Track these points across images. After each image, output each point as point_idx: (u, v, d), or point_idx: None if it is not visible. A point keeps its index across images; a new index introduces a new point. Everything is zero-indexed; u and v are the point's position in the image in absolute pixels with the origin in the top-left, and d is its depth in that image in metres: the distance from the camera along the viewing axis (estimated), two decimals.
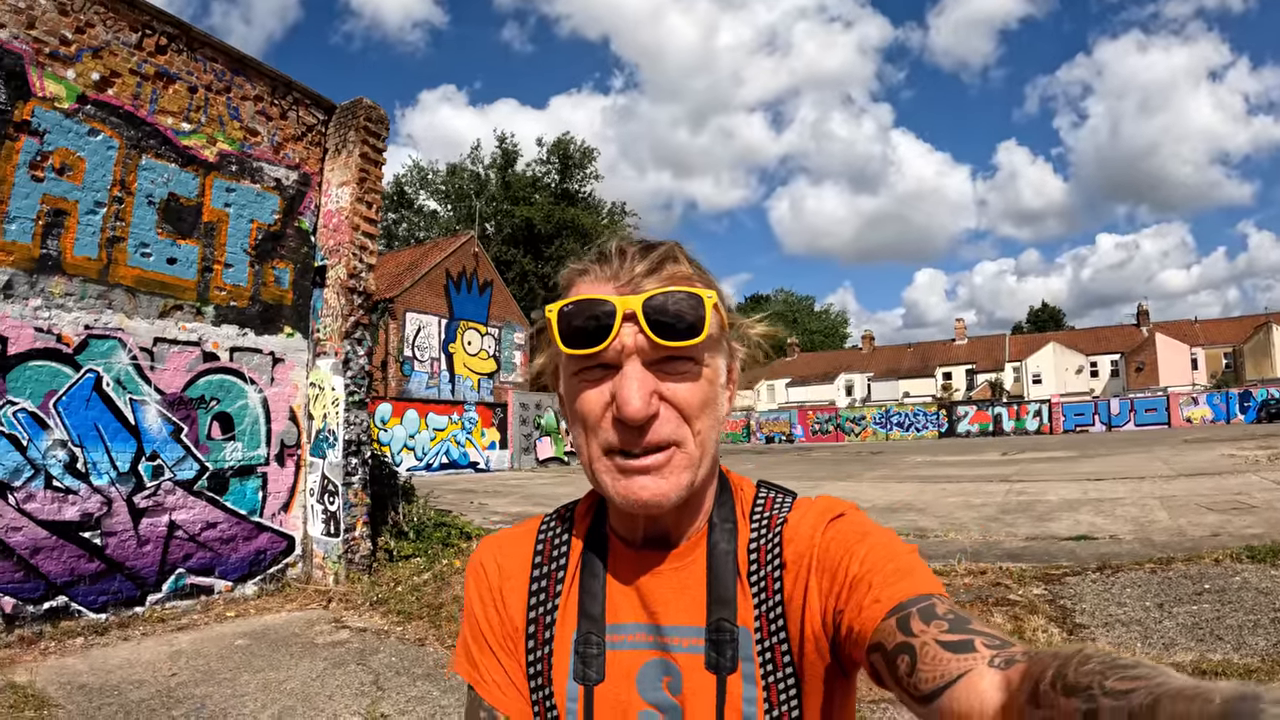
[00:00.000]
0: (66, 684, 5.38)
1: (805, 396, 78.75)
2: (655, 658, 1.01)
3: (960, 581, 6.95)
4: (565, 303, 0.95)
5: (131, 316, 7.22)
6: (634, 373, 0.92)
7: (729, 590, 1.01)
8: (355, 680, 5.52)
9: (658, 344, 0.92)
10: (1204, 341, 66.22)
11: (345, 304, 8.61)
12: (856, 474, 21.86)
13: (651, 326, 0.91)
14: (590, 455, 0.97)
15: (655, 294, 0.92)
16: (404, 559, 8.81)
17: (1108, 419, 51.13)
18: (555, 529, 1.16)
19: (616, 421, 0.93)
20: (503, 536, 1.20)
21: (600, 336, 0.92)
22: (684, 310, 0.92)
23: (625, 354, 0.93)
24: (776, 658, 0.97)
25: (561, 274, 1.06)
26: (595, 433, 0.96)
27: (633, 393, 0.91)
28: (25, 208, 6.50)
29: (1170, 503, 11.06)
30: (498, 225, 58.25)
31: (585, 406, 0.96)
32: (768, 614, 0.99)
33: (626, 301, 0.93)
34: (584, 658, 1.03)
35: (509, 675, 1.08)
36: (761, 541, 1.04)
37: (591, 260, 1.02)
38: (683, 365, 0.95)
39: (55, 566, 6.54)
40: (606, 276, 0.98)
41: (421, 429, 27.87)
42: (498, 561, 1.15)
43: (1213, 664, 4.73)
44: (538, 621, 1.08)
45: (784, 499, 1.10)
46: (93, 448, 6.87)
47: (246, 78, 8.20)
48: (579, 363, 0.97)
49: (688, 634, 1.00)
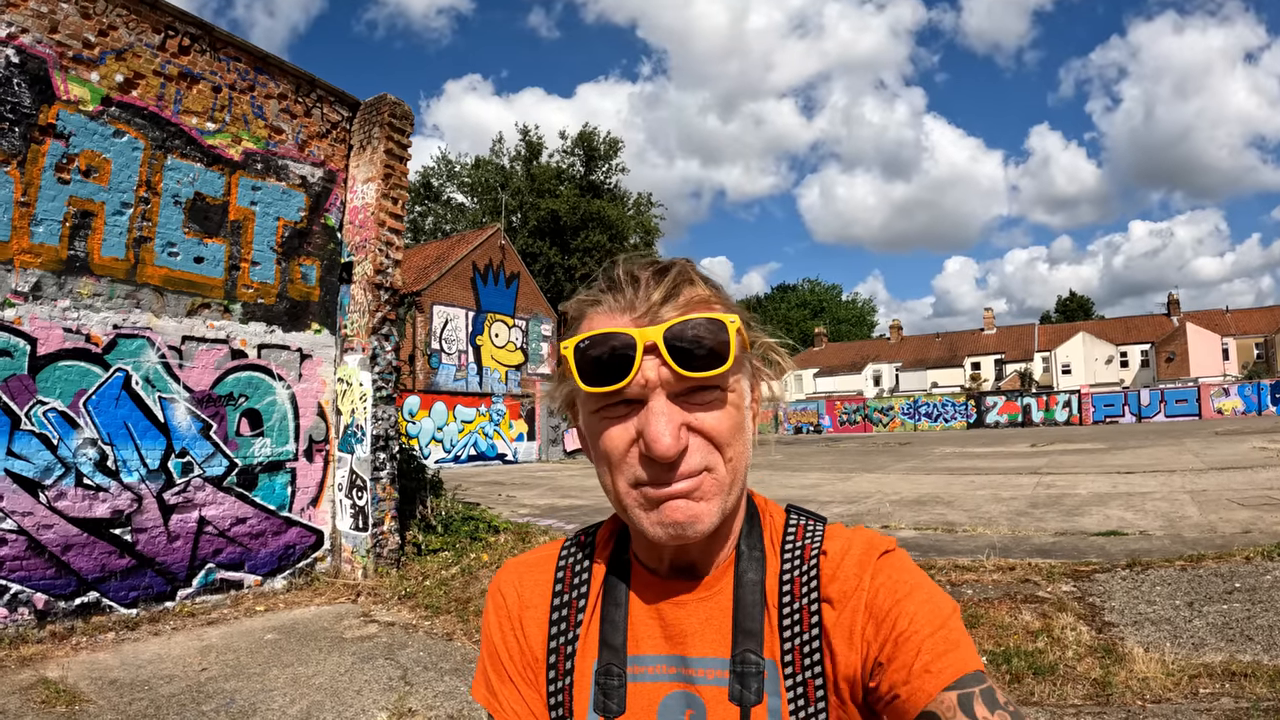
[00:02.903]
0: (98, 679, 5.46)
1: (833, 387, 78.45)
2: (678, 689, 0.99)
3: (989, 578, 6.90)
4: (581, 338, 0.91)
5: (160, 315, 7.29)
6: (660, 408, 0.89)
7: (755, 622, 0.98)
8: (383, 675, 5.56)
9: (682, 375, 0.88)
10: (1235, 331, 65.24)
11: (372, 300, 8.66)
12: (885, 465, 21.76)
13: (674, 357, 0.87)
14: (618, 490, 0.94)
15: (675, 323, 0.88)
16: (432, 553, 8.87)
17: (1138, 410, 50.55)
18: (576, 555, 1.13)
19: (644, 458, 0.90)
20: (523, 562, 1.18)
21: (621, 372, 0.88)
22: (707, 337, 0.88)
23: (649, 388, 0.89)
24: (810, 692, 0.95)
25: (570, 304, 1.01)
26: (621, 470, 0.92)
27: (661, 429, 0.87)
28: (52, 210, 6.57)
29: (1201, 497, 10.93)
30: (523, 217, 58.30)
31: (609, 445, 0.92)
32: (802, 647, 0.97)
33: (646, 333, 0.88)
34: (605, 689, 1.00)
35: (529, 705, 1.06)
36: (795, 574, 1.01)
37: (602, 290, 0.97)
38: (709, 394, 0.91)
39: (86, 563, 6.63)
40: (621, 306, 0.93)
41: (449, 421, 28.03)
42: (518, 590, 1.13)
43: (1242, 665, 4.67)
44: (558, 651, 1.06)
45: (815, 526, 1.06)
46: (123, 445, 6.95)
47: (270, 76, 8.25)
48: (600, 400, 0.92)
49: (713, 665, 0.98)
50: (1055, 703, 4.46)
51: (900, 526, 10.14)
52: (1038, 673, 4.81)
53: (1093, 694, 4.54)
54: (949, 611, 0.93)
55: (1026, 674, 4.81)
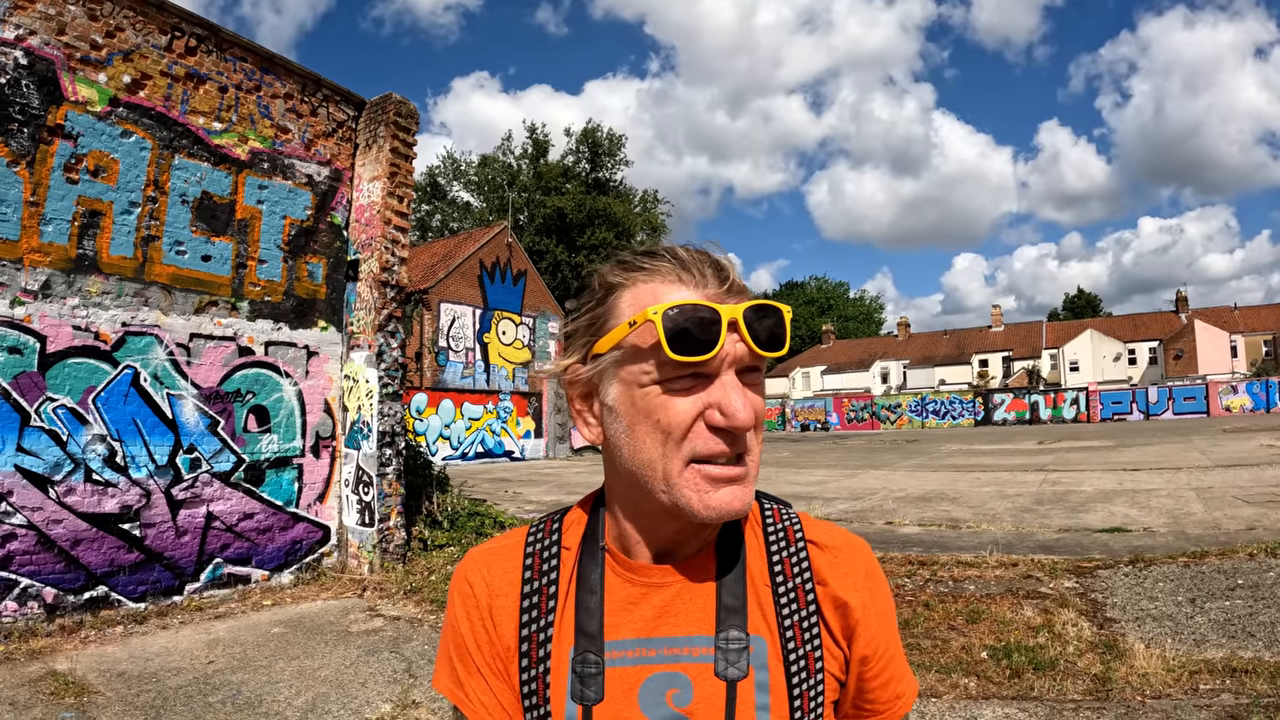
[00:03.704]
0: (106, 671, 5.51)
1: (840, 384, 78.42)
2: (660, 671, 0.99)
3: (991, 574, 6.93)
4: (670, 305, 0.90)
5: (168, 313, 7.35)
6: (734, 382, 0.92)
7: (739, 599, 1.00)
8: (388, 668, 5.60)
9: (757, 354, 0.93)
10: (1244, 328, 64.98)
11: (378, 297, 8.71)
12: (891, 462, 21.76)
13: (752, 336, 0.92)
14: (668, 469, 0.93)
15: (753, 304, 0.93)
16: (438, 548, 8.92)
17: (1145, 407, 50.38)
18: (544, 541, 1.11)
19: (714, 430, 0.92)
20: (489, 549, 1.15)
21: (709, 344, 0.89)
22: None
23: (727, 363, 0.92)
24: (810, 665, 0.99)
25: (612, 271, 1.01)
26: (680, 444, 0.92)
27: (740, 402, 0.91)
28: (61, 209, 6.63)
29: (1206, 494, 10.93)
30: (530, 215, 58.41)
31: (675, 417, 0.92)
32: (801, 623, 1.00)
33: (732, 310, 0.91)
34: (581, 677, 0.99)
35: (497, 698, 1.04)
36: (784, 555, 1.05)
37: (666, 260, 0.97)
38: (756, 376, 0.96)
39: (95, 557, 6.70)
40: (696, 282, 0.95)
41: (457, 418, 28.07)
42: (486, 579, 1.10)
43: (1243, 661, 4.68)
44: (531, 639, 1.04)
45: (787, 511, 1.11)
46: (131, 441, 7.01)
47: (276, 76, 8.30)
48: (675, 369, 0.92)
49: (698, 644, 0.99)
50: (1055, 697, 4.48)
51: (904, 523, 10.16)
52: (1038, 668, 4.83)
53: (1093, 689, 4.56)
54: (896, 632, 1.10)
55: (1027, 669, 4.83)
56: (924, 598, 6.36)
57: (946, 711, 4.39)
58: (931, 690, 4.66)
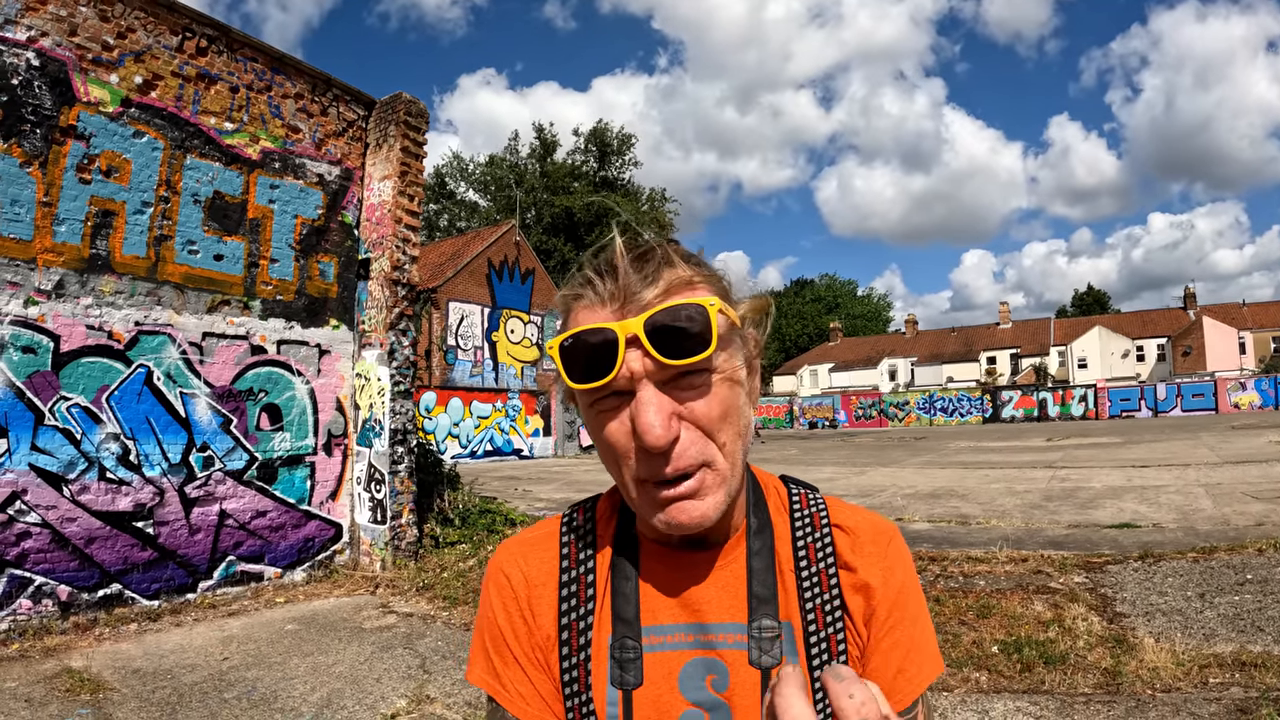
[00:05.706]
0: (121, 668, 5.56)
1: (848, 381, 78.23)
2: (698, 656, 1.00)
3: (1001, 569, 6.94)
4: (563, 337, 0.91)
5: (180, 312, 7.40)
6: (649, 398, 0.88)
7: (769, 587, 1.01)
8: (402, 664, 5.64)
9: (665, 364, 0.87)
10: (1252, 325, 64.60)
11: (389, 296, 8.75)
12: (900, 460, 21.75)
13: (657, 347, 0.87)
14: (626, 485, 0.95)
15: (656, 311, 0.87)
16: (449, 545, 8.97)
17: (1154, 404, 50.23)
18: (579, 531, 1.11)
19: (641, 451, 0.90)
20: (524, 541, 1.15)
21: (606, 367, 0.88)
22: (687, 324, 0.86)
23: (636, 379, 0.89)
24: (833, 647, 1.00)
25: (557, 299, 1.02)
26: (625, 464, 0.93)
27: (651, 419, 0.87)
28: (74, 209, 6.68)
29: (1215, 491, 10.92)
30: (538, 214, 58.40)
31: (610, 439, 0.93)
32: (823, 606, 1.01)
33: (626, 325, 0.88)
34: (620, 663, 1.00)
35: (536, 687, 1.04)
36: (809, 540, 1.05)
37: (581, 284, 0.97)
38: (697, 379, 0.90)
39: (109, 555, 6.75)
40: (602, 299, 0.93)
41: (466, 417, 28.16)
42: (523, 571, 1.10)
43: (1252, 655, 4.69)
44: (571, 628, 1.04)
45: (814, 495, 1.11)
46: (145, 440, 7.06)
47: (286, 76, 8.34)
48: (591, 395, 0.93)
49: (731, 630, 1.00)
50: (1065, 691, 4.50)
51: (914, 519, 10.16)
52: (1048, 662, 4.84)
53: (1103, 683, 4.57)
54: (931, 628, 1.07)
55: (1037, 663, 4.85)
56: (935, 593, 6.37)
57: (958, 705, 4.41)
58: (943, 684, 4.68)
